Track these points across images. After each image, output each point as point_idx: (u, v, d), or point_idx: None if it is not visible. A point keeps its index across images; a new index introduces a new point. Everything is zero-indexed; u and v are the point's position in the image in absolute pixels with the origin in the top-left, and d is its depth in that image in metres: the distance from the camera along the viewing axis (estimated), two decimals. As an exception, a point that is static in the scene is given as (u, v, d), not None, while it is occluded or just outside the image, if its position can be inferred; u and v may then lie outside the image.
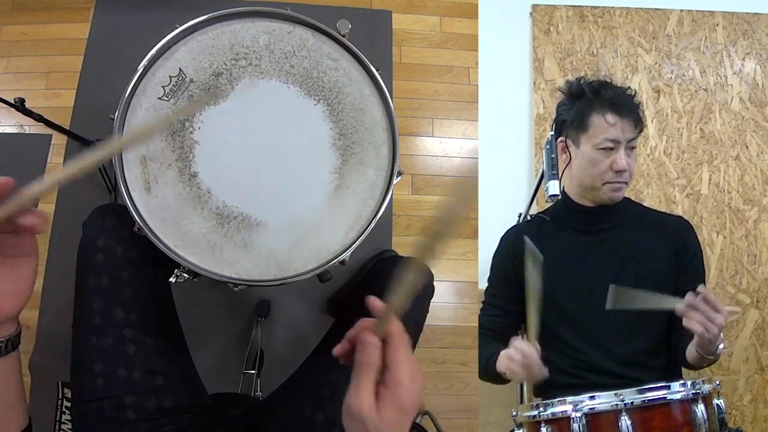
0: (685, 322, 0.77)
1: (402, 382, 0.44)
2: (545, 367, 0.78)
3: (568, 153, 0.97)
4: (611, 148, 0.89)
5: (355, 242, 0.74)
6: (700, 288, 0.75)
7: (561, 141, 0.98)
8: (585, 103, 0.92)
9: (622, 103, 0.90)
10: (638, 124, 0.91)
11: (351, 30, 0.80)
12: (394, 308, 0.44)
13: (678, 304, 0.77)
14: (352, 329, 0.47)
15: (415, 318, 0.80)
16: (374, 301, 0.46)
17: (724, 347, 0.80)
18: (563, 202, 1.00)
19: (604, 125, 0.89)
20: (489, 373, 0.90)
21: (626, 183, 0.92)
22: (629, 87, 0.94)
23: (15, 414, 0.52)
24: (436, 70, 1.72)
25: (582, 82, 0.94)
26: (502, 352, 0.84)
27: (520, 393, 1.18)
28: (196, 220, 0.72)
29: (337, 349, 0.49)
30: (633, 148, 0.91)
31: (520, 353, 0.78)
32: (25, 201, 0.41)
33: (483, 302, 1.03)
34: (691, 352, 0.83)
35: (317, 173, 0.76)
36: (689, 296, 0.75)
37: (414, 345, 0.82)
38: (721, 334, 0.78)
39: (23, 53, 1.59)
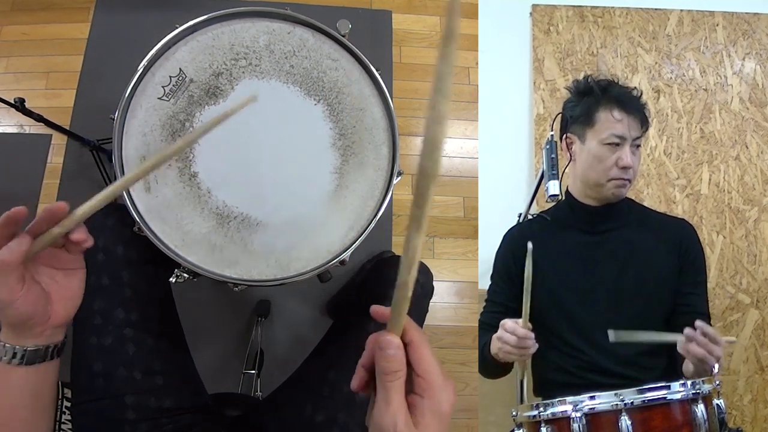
0: (680, 349, 0.78)
1: (435, 382, 0.39)
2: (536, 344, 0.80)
3: (572, 150, 0.98)
4: (617, 144, 0.90)
5: (355, 242, 0.74)
6: (698, 323, 0.76)
7: (566, 138, 0.98)
8: (592, 100, 0.93)
9: (629, 101, 0.92)
10: (644, 123, 0.93)
11: (351, 30, 0.80)
12: (404, 309, 0.39)
13: (678, 338, 0.78)
14: (363, 357, 0.42)
15: (413, 318, 0.79)
16: (377, 309, 0.43)
17: (719, 371, 0.81)
18: (567, 201, 1.00)
19: (611, 120, 0.90)
20: (486, 362, 0.90)
21: (630, 181, 0.93)
22: (635, 88, 0.96)
23: (45, 420, 0.53)
24: (436, 70, 1.71)
25: (589, 79, 0.96)
26: (494, 336, 0.85)
27: (520, 393, 1.18)
28: (196, 220, 0.72)
29: (354, 383, 0.43)
30: (638, 146, 0.92)
31: (514, 336, 0.79)
32: (74, 221, 0.47)
33: (486, 300, 1.03)
34: (686, 370, 0.84)
35: (317, 173, 0.76)
36: (688, 330, 0.77)
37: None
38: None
39: (23, 53, 1.59)
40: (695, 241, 0.98)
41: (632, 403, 0.74)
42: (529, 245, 0.76)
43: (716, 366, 0.79)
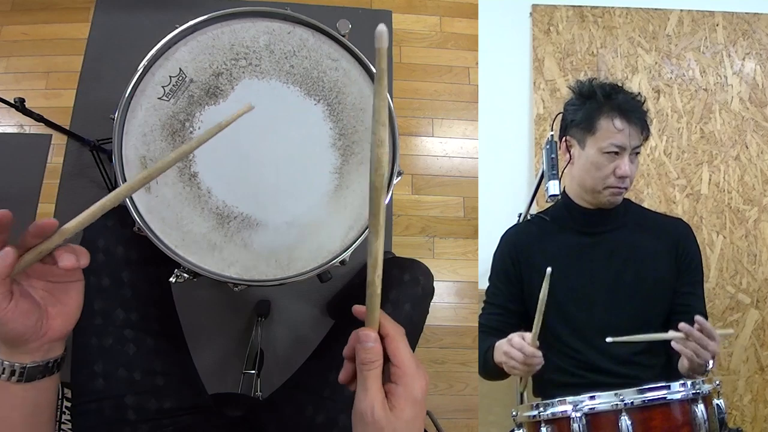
0: (675, 346, 0.78)
1: (409, 371, 0.42)
2: (543, 361, 0.79)
3: (571, 152, 0.97)
4: (616, 153, 0.89)
5: (355, 242, 0.74)
6: (698, 317, 0.76)
7: (566, 140, 0.98)
8: (594, 106, 0.91)
9: (632, 110, 0.90)
10: (645, 131, 0.91)
11: (351, 30, 0.80)
12: (376, 304, 0.44)
13: (674, 335, 0.78)
14: (346, 348, 0.46)
15: (414, 318, 0.80)
16: (357, 308, 0.47)
17: (713, 366, 0.81)
18: (563, 202, 1.00)
19: (612, 130, 0.89)
20: (488, 366, 0.90)
21: (626, 188, 0.92)
22: (639, 93, 0.94)
23: None
24: (436, 70, 1.72)
25: (594, 83, 0.94)
26: (499, 345, 0.85)
27: (520, 393, 1.18)
28: (196, 220, 0.72)
29: (342, 375, 0.47)
30: (637, 153, 0.92)
31: (521, 354, 0.78)
32: (63, 235, 0.44)
33: (484, 301, 1.03)
34: (681, 367, 0.84)
35: (317, 173, 0.76)
36: (684, 325, 0.76)
37: (414, 345, 0.82)
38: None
39: (23, 53, 1.59)
40: (692, 240, 0.98)
41: (632, 403, 0.74)
42: (548, 270, 0.74)
43: (711, 362, 0.79)
